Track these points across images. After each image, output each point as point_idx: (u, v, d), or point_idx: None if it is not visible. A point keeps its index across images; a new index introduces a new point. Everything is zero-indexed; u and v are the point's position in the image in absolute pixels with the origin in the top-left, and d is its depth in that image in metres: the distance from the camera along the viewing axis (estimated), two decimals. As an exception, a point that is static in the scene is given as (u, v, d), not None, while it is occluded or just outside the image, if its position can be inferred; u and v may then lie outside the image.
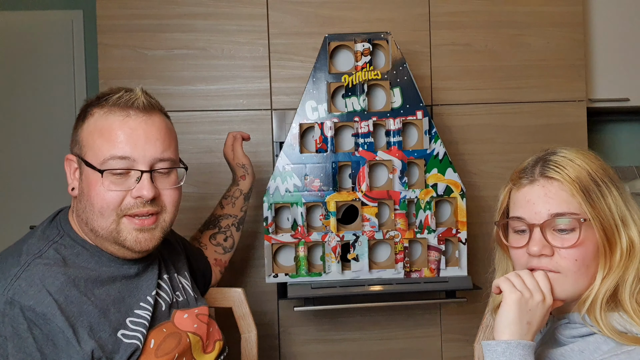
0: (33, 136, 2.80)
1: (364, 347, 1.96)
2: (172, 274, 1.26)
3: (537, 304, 0.92)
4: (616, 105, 2.26)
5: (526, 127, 1.99)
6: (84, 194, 1.08)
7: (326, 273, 1.64)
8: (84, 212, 1.08)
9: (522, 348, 0.88)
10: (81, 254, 1.08)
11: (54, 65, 2.80)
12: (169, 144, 1.12)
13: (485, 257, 1.93)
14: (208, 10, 1.91)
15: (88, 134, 1.07)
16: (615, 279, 0.93)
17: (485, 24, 1.98)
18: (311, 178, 1.63)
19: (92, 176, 1.06)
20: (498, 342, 0.90)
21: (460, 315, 1.95)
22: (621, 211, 0.95)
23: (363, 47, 1.63)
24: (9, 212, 2.78)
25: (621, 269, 0.93)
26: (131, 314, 1.08)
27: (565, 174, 0.96)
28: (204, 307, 1.26)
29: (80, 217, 1.09)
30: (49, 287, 0.99)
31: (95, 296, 1.04)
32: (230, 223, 1.57)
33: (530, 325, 0.92)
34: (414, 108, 1.64)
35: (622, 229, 0.94)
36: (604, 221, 0.94)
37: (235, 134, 1.60)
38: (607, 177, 0.97)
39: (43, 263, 1.02)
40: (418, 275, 1.66)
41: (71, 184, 1.11)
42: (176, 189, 1.15)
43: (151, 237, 1.11)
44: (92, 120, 1.08)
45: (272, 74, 1.92)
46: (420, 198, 1.64)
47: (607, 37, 2.21)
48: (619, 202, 0.95)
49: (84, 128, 1.08)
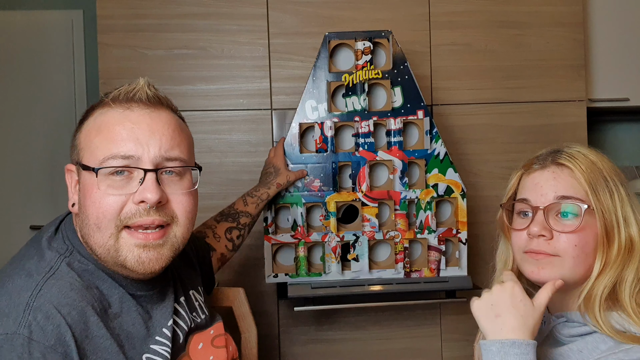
0: (33, 136, 2.79)
1: (363, 347, 1.96)
2: (187, 292, 1.12)
3: (497, 295, 0.93)
4: (616, 105, 2.26)
5: (526, 127, 1.99)
6: (81, 205, 0.92)
7: (326, 273, 1.64)
8: (82, 227, 0.92)
9: (518, 347, 0.88)
10: (93, 273, 0.93)
11: (54, 65, 2.79)
12: (178, 142, 0.96)
13: (486, 257, 1.94)
14: (208, 10, 1.91)
15: (86, 135, 0.93)
16: (613, 275, 0.93)
17: (485, 24, 1.98)
18: (311, 178, 1.63)
19: (89, 181, 0.90)
20: (493, 342, 0.90)
21: (460, 315, 1.95)
22: (624, 210, 0.96)
23: (364, 45, 1.62)
24: (9, 212, 2.78)
25: (619, 265, 0.94)
26: (147, 350, 0.94)
27: (577, 164, 0.97)
28: (219, 324, 1.14)
29: (81, 235, 0.94)
30: (67, 318, 0.84)
31: (111, 329, 0.89)
32: (247, 222, 1.50)
33: (501, 316, 0.91)
34: (414, 107, 1.64)
35: (622, 226, 0.95)
36: (606, 214, 0.95)
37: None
38: (617, 176, 0.98)
39: (57, 285, 0.86)
40: (418, 275, 1.66)
41: (72, 199, 0.96)
42: (189, 195, 0.96)
43: (158, 256, 0.92)
44: (91, 119, 0.94)
45: (272, 74, 1.92)
46: (420, 198, 1.64)
47: (607, 37, 2.21)
48: (624, 201, 0.96)
49: (82, 130, 0.94)
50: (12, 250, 1.02)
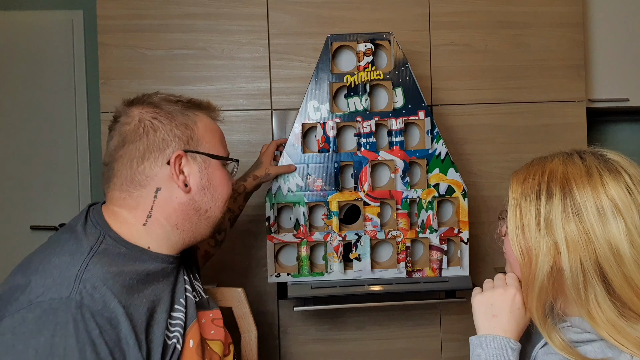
0: (33, 136, 2.79)
1: (363, 347, 1.96)
2: (188, 274, 1.22)
3: (498, 297, 0.98)
4: (616, 105, 2.26)
5: (526, 127, 1.99)
6: (209, 184, 1.11)
7: (328, 273, 1.64)
8: (204, 203, 1.11)
9: (498, 342, 0.94)
10: (125, 254, 1.03)
11: (54, 65, 2.79)
12: None
13: (485, 257, 1.95)
14: (208, 10, 1.91)
15: (204, 130, 1.14)
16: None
17: (485, 24, 1.98)
18: (313, 178, 1.63)
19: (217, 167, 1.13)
20: (477, 337, 0.97)
21: (460, 315, 1.96)
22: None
23: (365, 47, 1.63)
24: (9, 212, 2.77)
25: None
26: (170, 315, 1.05)
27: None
28: (218, 311, 1.23)
29: (194, 211, 1.10)
30: (112, 289, 0.94)
31: (146, 297, 1.01)
32: (228, 217, 1.54)
33: (497, 317, 0.97)
34: (416, 108, 1.64)
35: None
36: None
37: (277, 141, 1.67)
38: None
39: (100, 263, 0.97)
40: (420, 275, 1.66)
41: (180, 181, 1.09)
42: None
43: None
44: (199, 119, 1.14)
45: (272, 74, 1.92)
46: (422, 198, 1.64)
47: (606, 37, 2.22)
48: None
49: (198, 125, 1.13)
50: (12, 250, 1.05)
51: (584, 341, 0.93)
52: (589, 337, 0.92)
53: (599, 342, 0.91)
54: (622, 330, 0.87)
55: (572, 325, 0.96)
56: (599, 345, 0.91)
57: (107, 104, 1.87)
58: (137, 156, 1.05)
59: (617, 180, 0.90)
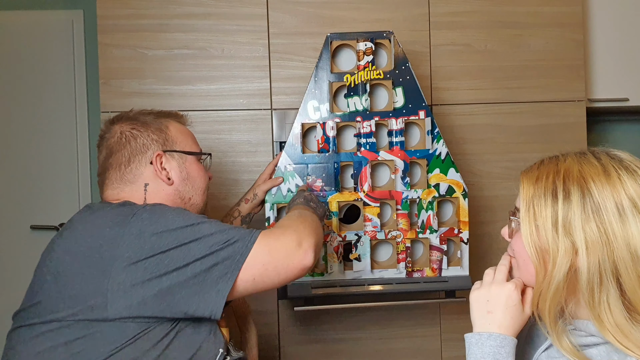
0: (33, 136, 2.79)
1: (363, 347, 1.96)
2: None
3: (495, 293, 0.96)
4: (615, 105, 2.26)
5: (526, 127, 1.99)
6: (188, 176, 1.29)
7: (328, 273, 1.64)
8: (187, 192, 1.29)
9: (494, 340, 0.91)
10: None
11: (54, 66, 2.79)
12: None
13: (485, 257, 1.95)
14: (208, 10, 1.91)
15: (176, 132, 1.32)
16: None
17: (485, 24, 1.98)
18: (313, 178, 1.63)
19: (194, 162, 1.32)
20: (473, 334, 0.95)
21: (460, 315, 1.96)
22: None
23: (365, 46, 1.63)
24: (9, 212, 2.77)
25: None
26: None
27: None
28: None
29: (180, 200, 1.27)
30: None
31: None
32: None
33: (492, 313, 0.94)
34: (416, 108, 1.64)
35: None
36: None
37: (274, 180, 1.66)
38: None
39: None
40: (420, 275, 1.66)
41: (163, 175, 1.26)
42: None
43: None
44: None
45: (272, 74, 1.92)
46: (422, 198, 1.64)
47: (606, 37, 2.22)
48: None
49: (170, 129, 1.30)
50: (13, 250, 1.06)
51: (590, 344, 0.91)
52: (594, 340, 0.91)
53: (604, 346, 0.90)
54: (629, 334, 0.85)
55: (576, 329, 0.94)
56: (604, 348, 0.89)
57: (107, 104, 1.87)
58: (124, 161, 1.23)
59: (634, 178, 0.88)
